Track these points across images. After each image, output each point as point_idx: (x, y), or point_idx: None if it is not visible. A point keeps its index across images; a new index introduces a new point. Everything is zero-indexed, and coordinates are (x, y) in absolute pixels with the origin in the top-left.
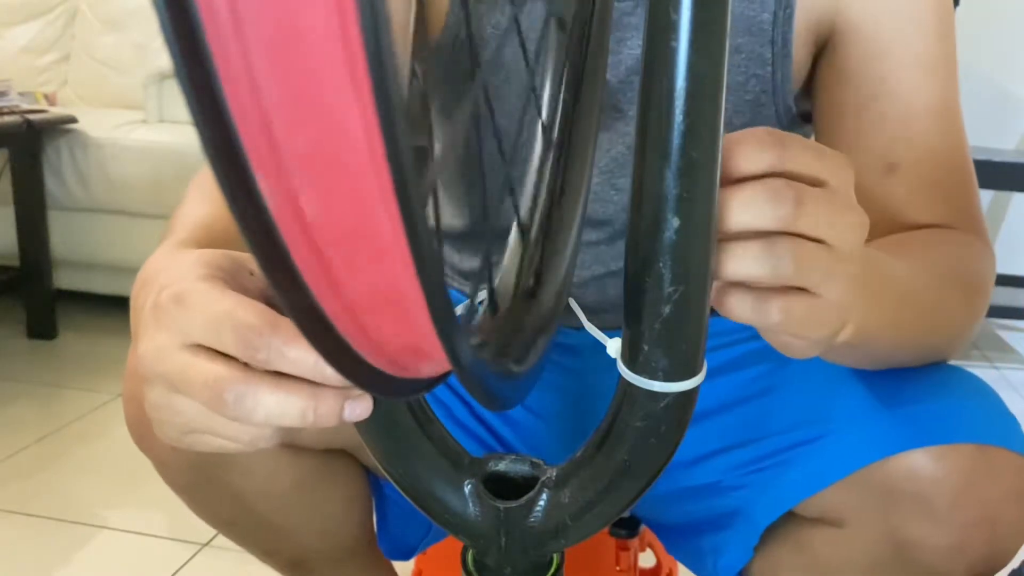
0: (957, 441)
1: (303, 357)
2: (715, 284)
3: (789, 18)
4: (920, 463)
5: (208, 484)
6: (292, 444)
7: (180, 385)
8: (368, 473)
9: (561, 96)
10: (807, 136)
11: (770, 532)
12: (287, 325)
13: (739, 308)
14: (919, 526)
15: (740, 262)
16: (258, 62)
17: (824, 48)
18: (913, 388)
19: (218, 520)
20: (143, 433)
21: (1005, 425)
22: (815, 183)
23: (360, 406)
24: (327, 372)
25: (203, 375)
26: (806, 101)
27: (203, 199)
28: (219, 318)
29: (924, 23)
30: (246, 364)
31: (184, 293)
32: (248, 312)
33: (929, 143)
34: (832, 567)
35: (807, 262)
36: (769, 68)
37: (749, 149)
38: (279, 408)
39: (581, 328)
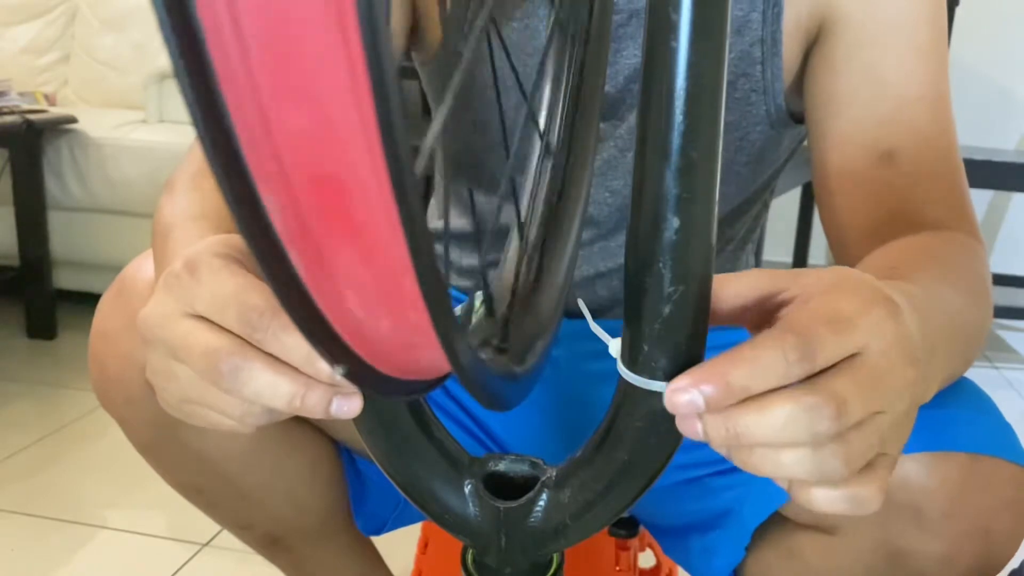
0: (950, 449)
1: (298, 345)
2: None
3: (778, 16)
4: (912, 472)
5: (170, 444)
6: None
7: (179, 352)
8: (342, 450)
9: (561, 103)
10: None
11: (763, 536)
12: None
13: (828, 505)
14: (911, 535)
15: (791, 469)
16: (257, 61)
17: (814, 42)
18: None
19: (187, 486)
20: (105, 391)
21: (1000, 434)
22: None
23: (349, 403)
24: (318, 365)
25: (202, 344)
26: (797, 100)
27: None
28: (225, 295)
29: (916, 11)
30: (245, 341)
31: (198, 265)
32: (253, 294)
33: (924, 132)
34: (823, 575)
35: (859, 453)
36: (759, 67)
37: (768, 361)
38: (270, 388)
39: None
